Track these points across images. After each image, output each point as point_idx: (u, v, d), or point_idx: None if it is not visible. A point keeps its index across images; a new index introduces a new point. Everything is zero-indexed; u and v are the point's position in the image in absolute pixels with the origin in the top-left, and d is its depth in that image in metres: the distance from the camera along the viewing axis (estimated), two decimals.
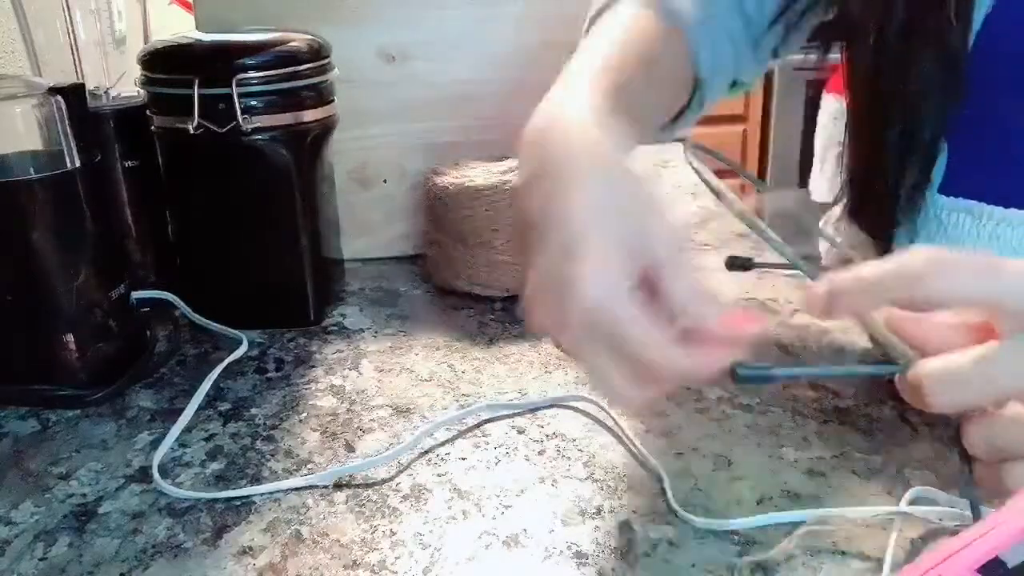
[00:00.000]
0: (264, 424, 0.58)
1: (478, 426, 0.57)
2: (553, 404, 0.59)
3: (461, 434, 0.56)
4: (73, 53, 0.73)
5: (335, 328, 0.72)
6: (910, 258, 0.36)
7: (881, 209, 0.58)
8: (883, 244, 0.59)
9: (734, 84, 0.66)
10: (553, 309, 0.38)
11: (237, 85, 0.65)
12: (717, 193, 0.44)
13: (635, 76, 0.52)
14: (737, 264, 0.67)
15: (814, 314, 0.38)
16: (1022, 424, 0.36)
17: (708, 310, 0.38)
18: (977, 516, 0.41)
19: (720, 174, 0.47)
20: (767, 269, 0.75)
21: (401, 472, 0.52)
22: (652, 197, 0.40)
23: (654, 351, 0.37)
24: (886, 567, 0.42)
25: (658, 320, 0.38)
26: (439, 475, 0.52)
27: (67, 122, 0.60)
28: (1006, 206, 0.54)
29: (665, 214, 0.39)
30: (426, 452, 0.54)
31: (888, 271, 0.36)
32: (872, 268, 0.37)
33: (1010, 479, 0.37)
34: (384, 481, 0.52)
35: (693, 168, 0.47)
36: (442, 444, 0.55)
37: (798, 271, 0.44)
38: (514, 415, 0.58)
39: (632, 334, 0.37)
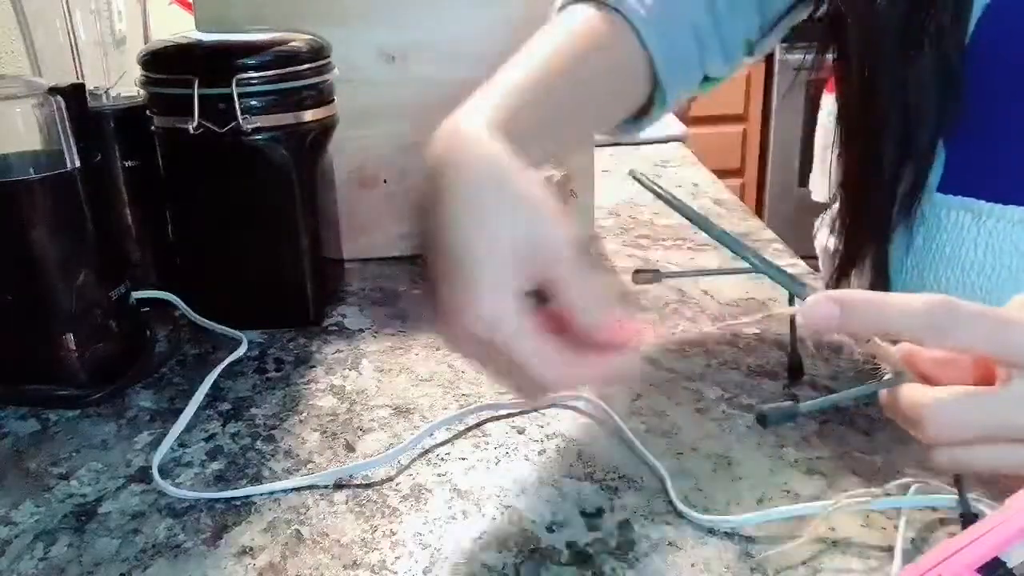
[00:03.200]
0: (264, 424, 0.58)
1: (478, 426, 0.57)
2: (553, 404, 0.59)
3: (461, 434, 0.56)
4: (73, 53, 0.73)
5: (335, 328, 0.72)
6: (918, 301, 0.36)
7: (877, 212, 0.58)
8: (880, 247, 0.58)
9: (706, 79, 0.66)
10: (452, 326, 0.41)
11: (237, 85, 0.65)
12: (667, 200, 0.45)
13: (575, 77, 0.55)
14: (643, 278, 0.63)
15: (812, 325, 0.38)
16: (988, 449, 0.36)
17: (598, 319, 0.41)
18: (968, 514, 0.41)
19: (720, 173, 0.47)
20: (676, 278, 0.76)
21: (401, 472, 0.52)
22: (543, 207, 0.42)
23: (538, 366, 0.39)
24: (890, 567, 0.42)
25: (553, 325, 0.40)
26: (439, 475, 0.52)
27: (67, 122, 0.60)
28: (1005, 203, 0.54)
29: (558, 222, 0.41)
30: (426, 452, 0.54)
31: (895, 306, 0.36)
32: (882, 298, 0.37)
33: (976, 463, 0.37)
34: (384, 481, 0.52)
35: (637, 180, 0.48)
36: (442, 444, 0.55)
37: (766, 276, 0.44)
38: (514, 415, 0.58)
39: (519, 349, 0.39)
